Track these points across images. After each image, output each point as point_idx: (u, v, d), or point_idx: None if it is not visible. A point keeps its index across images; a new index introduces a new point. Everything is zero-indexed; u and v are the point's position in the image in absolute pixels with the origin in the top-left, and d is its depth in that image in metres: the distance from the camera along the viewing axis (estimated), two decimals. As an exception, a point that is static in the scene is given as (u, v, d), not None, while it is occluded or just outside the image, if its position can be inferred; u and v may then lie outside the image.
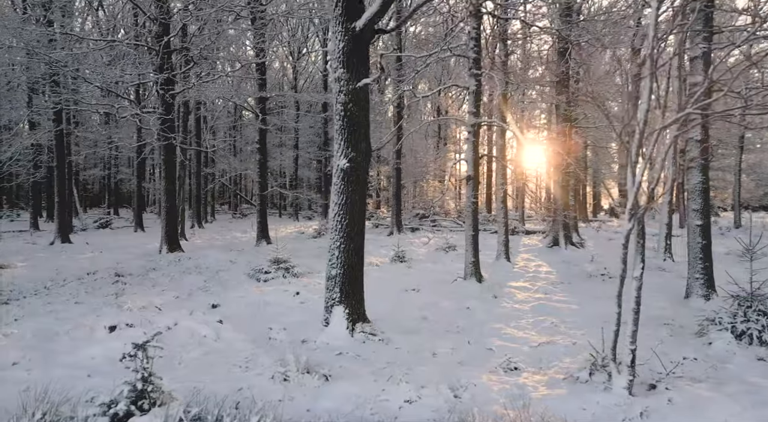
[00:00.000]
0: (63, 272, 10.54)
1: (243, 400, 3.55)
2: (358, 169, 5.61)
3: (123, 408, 3.34)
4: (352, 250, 5.70)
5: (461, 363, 4.83)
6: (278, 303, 7.51)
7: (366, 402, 3.64)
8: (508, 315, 6.93)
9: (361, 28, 5.33)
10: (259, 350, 4.95)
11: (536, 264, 12.92)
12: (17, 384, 3.96)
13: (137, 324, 5.63)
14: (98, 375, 4.30)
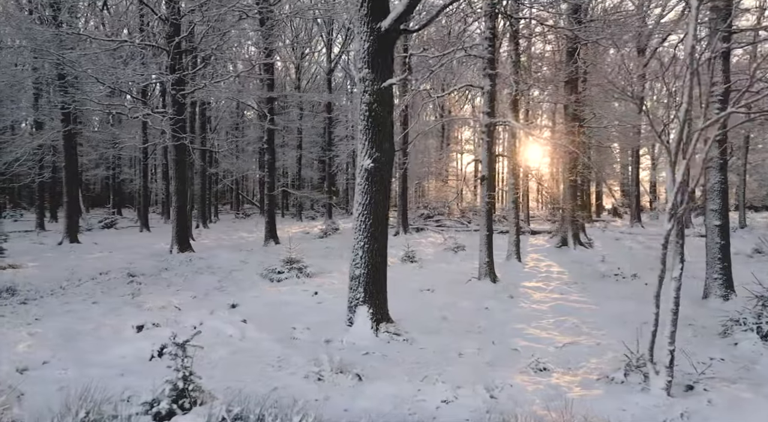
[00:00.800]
0: (76, 272, 10.53)
1: (280, 399, 3.55)
2: (382, 169, 5.62)
3: (165, 406, 3.36)
4: (375, 250, 5.70)
5: (489, 363, 4.83)
6: (296, 303, 7.51)
7: (403, 402, 3.64)
8: (528, 316, 6.93)
9: (386, 28, 5.33)
10: (289, 350, 4.95)
11: (546, 264, 12.91)
12: (54, 383, 3.97)
13: (163, 323, 5.64)
14: (131, 374, 4.31)
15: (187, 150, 13.06)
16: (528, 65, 13.22)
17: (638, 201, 28.09)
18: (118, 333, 5.46)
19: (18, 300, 7.75)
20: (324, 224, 28.14)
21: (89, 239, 18.61)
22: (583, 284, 9.63)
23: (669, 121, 4.06)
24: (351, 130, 33.28)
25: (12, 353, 4.99)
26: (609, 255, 13.40)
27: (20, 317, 6.76)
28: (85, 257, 13.46)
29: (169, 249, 13.67)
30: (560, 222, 16.83)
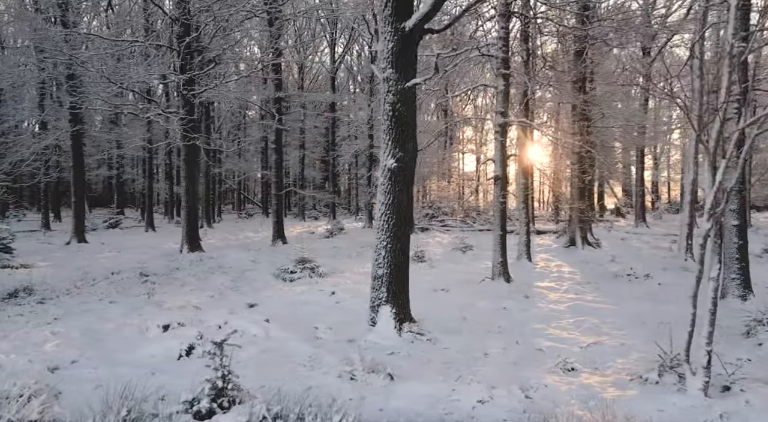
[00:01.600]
0: (89, 272, 10.53)
1: (316, 398, 3.55)
2: (405, 168, 5.63)
3: (205, 405, 3.37)
4: (398, 250, 5.71)
5: (515, 363, 4.84)
6: (314, 302, 7.52)
7: (438, 402, 3.65)
8: (547, 316, 6.93)
9: (410, 28, 5.34)
10: (317, 349, 4.96)
11: (557, 264, 12.92)
12: (88, 382, 3.97)
13: (188, 323, 5.64)
14: (162, 373, 4.32)
15: (198, 150, 13.04)
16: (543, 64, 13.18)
17: (643, 201, 28.10)
18: (144, 333, 5.47)
19: (35, 299, 7.76)
20: (329, 224, 28.13)
21: (96, 239, 18.63)
22: (596, 284, 9.62)
23: (710, 120, 4.05)
24: (354, 130, 33.27)
25: (40, 352, 5.00)
26: (618, 256, 13.39)
27: (39, 316, 6.78)
28: (95, 257, 13.47)
29: (179, 249, 13.68)
30: (568, 222, 16.83)
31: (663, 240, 19.94)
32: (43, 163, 20.96)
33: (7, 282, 8.99)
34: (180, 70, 12.19)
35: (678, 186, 52.04)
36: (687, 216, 12.92)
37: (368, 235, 21.35)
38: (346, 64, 38.13)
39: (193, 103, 12.41)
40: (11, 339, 5.41)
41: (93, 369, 4.41)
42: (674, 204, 45.46)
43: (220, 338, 4.35)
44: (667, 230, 24.59)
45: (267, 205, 42.91)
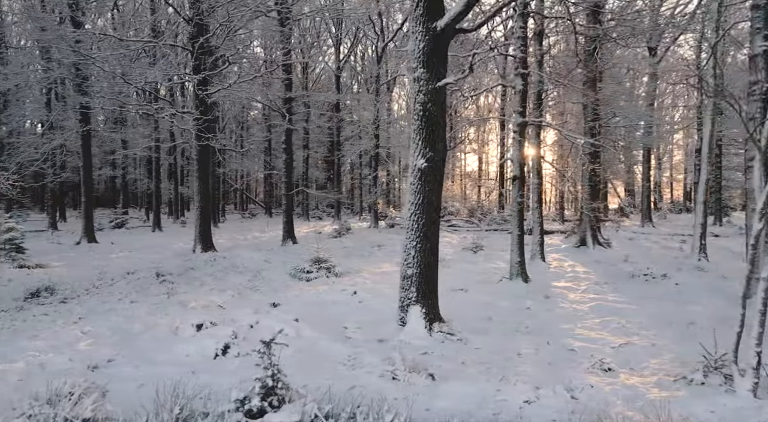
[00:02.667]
0: (105, 272, 10.54)
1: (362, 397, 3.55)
2: (435, 168, 5.62)
3: (257, 404, 3.36)
4: (428, 250, 5.71)
5: (551, 363, 4.84)
6: (337, 302, 7.52)
7: (485, 402, 3.64)
8: (572, 316, 6.93)
9: (442, 27, 5.33)
10: (354, 349, 4.96)
11: (570, 264, 12.91)
12: (131, 381, 3.97)
13: (220, 322, 5.64)
14: (202, 372, 4.32)
15: (211, 151, 13.03)
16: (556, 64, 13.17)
17: (649, 201, 28.10)
18: (176, 332, 5.46)
19: (57, 299, 7.77)
20: (334, 224, 28.13)
21: (106, 239, 18.64)
22: (614, 284, 9.61)
23: (764, 119, 4.04)
24: (359, 130, 33.25)
25: (76, 351, 5.01)
26: (630, 256, 13.40)
27: (64, 316, 6.78)
28: (107, 257, 13.48)
29: (192, 249, 13.68)
30: (578, 222, 16.83)
31: (671, 240, 19.94)
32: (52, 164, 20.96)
33: (27, 281, 8.99)
34: (194, 70, 12.18)
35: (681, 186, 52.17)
36: (700, 216, 12.89)
37: (375, 235, 21.36)
38: (350, 65, 38.16)
39: (207, 104, 12.40)
40: (44, 338, 5.41)
41: (134, 367, 4.41)
42: (677, 204, 45.50)
43: (267, 337, 4.36)
44: (673, 230, 24.60)
45: (270, 205, 42.98)
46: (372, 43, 33.86)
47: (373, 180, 29.45)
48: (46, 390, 3.35)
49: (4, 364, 4.39)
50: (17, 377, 4.06)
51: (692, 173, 43.89)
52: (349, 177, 45.48)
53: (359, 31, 31.88)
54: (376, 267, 12.01)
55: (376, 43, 29.43)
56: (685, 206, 44.78)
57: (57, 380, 3.45)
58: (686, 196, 49.17)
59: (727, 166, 31.60)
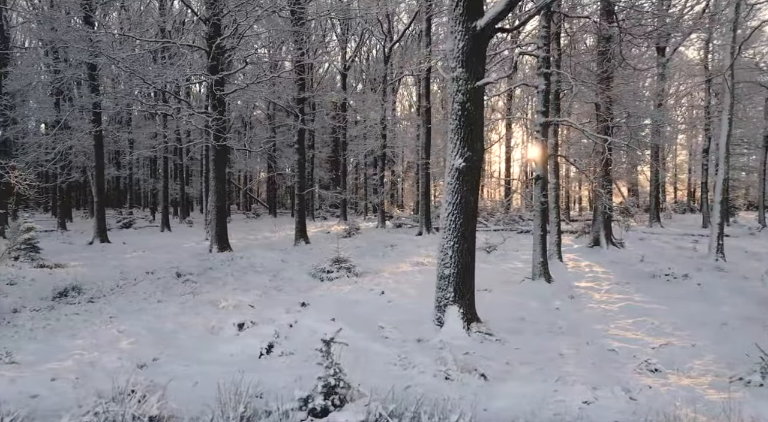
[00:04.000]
0: (125, 272, 10.56)
1: (422, 397, 3.54)
2: (473, 168, 5.61)
3: (320, 403, 3.37)
4: (465, 250, 5.70)
5: (595, 364, 4.82)
6: (365, 302, 7.51)
7: (544, 403, 3.63)
8: (603, 316, 6.92)
9: (482, 27, 5.32)
10: (401, 349, 4.96)
11: (586, 264, 12.89)
12: (184, 379, 3.96)
13: (259, 322, 5.63)
14: (250, 371, 4.28)
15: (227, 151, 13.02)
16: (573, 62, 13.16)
17: (657, 201, 28.08)
18: (216, 332, 5.46)
19: (85, 298, 7.77)
20: (341, 224, 28.16)
21: (117, 239, 18.63)
22: (636, 285, 9.58)
23: None
24: (367, 131, 33.27)
25: (118, 349, 5.01)
26: (646, 256, 13.39)
27: (94, 315, 6.78)
28: (123, 257, 13.47)
29: (208, 249, 13.69)
30: (592, 221, 16.82)
31: (682, 240, 19.94)
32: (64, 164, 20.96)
33: (51, 281, 9.00)
34: (210, 70, 12.17)
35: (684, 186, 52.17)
36: (717, 216, 12.88)
37: (385, 235, 21.36)
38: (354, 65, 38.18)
39: (224, 104, 12.39)
40: (83, 337, 5.42)
41: (184, 366, 4.41)
42: (680, 204, 45.48)
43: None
44: (682, 230, 24.59)
45: (274, 205, 43.04)
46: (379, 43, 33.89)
47: (380, 180, 29.44)
48: (111, 388, 3.35)
49: (55, 363, 4.40)
50: (72, 375, 4.05)
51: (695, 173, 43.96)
52: (351, 177, 45.55)
53: (366, 31, 31.88)
54: (395, 267, 11.99)
55: (383, 44, 29.45)
56: (689, 206, 44.78)
57: (118, 378, 3.44)
58: (690, 195, 49.20)
59: (733, 165, 31.60)
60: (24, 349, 4.93)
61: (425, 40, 22.50)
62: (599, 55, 15.18)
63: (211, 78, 11.95)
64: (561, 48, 11.97)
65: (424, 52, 22.92)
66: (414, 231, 24.24)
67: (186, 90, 24.98)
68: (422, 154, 22.51)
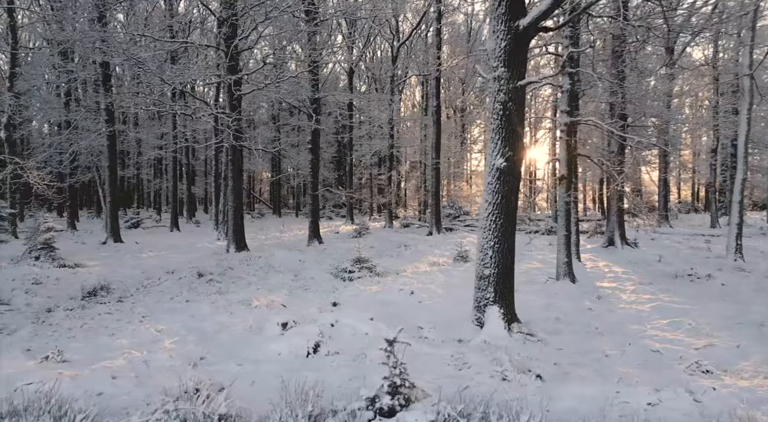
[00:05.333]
0: (146, 271, 10.52)
1: (478, 396, 3.51)
2: (514, 168, 5.59)
3: (387, 402, 3.35)
4: (506, 250, 5.67)
5: (642, 365, 4.80)
6: (395, 302, 7.49)
7: (608, 404, 3.61)
8: (636, 317, 6.89)
9: (525, 26, 5.30)
10: (464, 348, 4.94)
11: (604, 264, 12.86)
12: (240, 378, 3.94)
13: (301, 321, 5.61)
14: (303, 369, 4.31)
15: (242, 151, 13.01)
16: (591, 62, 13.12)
17: (666, 201, 28.04)
18: (258, 331, 5.45)
19: (114, 298, 7.76)
20: (351, 224, 28.13)
21: (129, 239, 18.61)
22: (660, 285, 9.56)
23: None
24: (375, 131, 33.25)
25: (162, 349, 5.00)
26: (664, 256, 13.38)
27: (127, 314, 6.78)
28: (140, 257, 13.45)
29: (225, 249, 13.66)
30: (606, 222, 16.80)
31: (693, 240, 19.93)
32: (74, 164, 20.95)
33: (76, 281, 9.00)
34: (228, 70, 12.14)
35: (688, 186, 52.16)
36: (736, 216, 12.85)
37: (395, 235, 21.31)
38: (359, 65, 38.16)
39: (240, 104, 12.37)
40: (124, 336, 5.41)
41: (237, 365, 4.39)
42: (685, 204, 45.43)
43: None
44: (691, 230, 24.56)
45: (278, 205, 43.08)
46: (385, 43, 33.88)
47: (388, 180, 29.42)
48: (175, 387, 3.34)
49: (106, 361, 4.38)
50: (131, 373, 4.03)
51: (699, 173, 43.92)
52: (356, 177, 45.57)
53: (373, 30, 31.84)
54: (413, 267, 11.97)
55: (391, 43, 29.42)
56: (693, 206, 44.75)
57: (178, 377, 3.43)
58: (694, 196, 49.19)
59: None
60: (69, 348, 4.92)
61: (436, 41, 22.49)
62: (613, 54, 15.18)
63: (230, 78, 11.93)
64: (580, 47, 11.93)
65: (434, 52, 22.91)
66: (422, 231, 24.23)
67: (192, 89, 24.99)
68: (432, 153, 22.47)
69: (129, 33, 11.29)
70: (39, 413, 3.11)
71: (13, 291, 7.77)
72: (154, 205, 44.03)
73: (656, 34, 10.89)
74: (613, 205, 16.16)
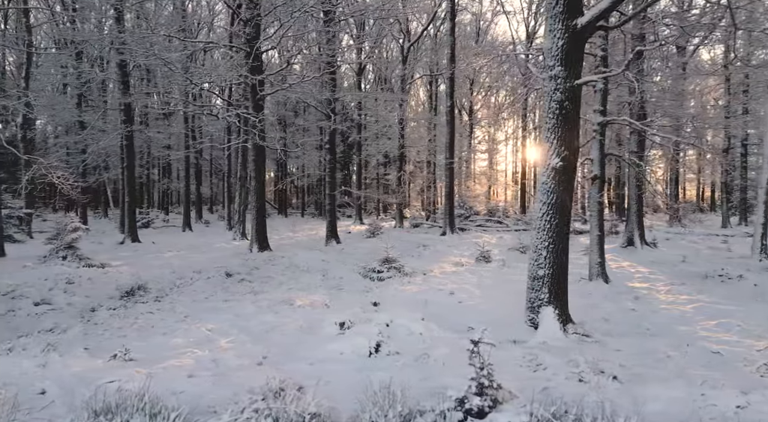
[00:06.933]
0: (175, 271, 10.48)
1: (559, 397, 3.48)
2: (570, 167, 5.56)
3: (477, 403, 3.31)
4: (560, 250, 5.64)
5: (707, 366, 4.76)
6: (435, 302, 7.43)
7: (696, 408, 3.57)
8: (681, 318, 6.85)
9: (583, 24, 5.27)
10: (524, 349, 4.90)
11: (628, 264, 12.82)
12: (314, 377, 3.90)
13: (357, 322, 5.57)
14: (368, 370, 4.26)
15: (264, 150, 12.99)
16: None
17: (676, 201, 28.01)
18: (313, 330, 5.43)
19: (151, 297, 7.73)
20: (361, 223, 28.12)
21: (145, 239, 18.57)
22: (692, 286, 9.50)
23: None
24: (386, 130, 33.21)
25: (220, 347, 4.96)
26: (687, 256, 13.35)
27: (169, 314, 6.75)
28: (162, 256, 13.43)
29: (248, 248, 13.63)
30: (625, 222, 16.77)
31: (709, 240, 19.92)
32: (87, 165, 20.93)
33: (108, 280, 8.98)
34: (252, 71, 12.11)
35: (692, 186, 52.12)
36: (762, 216, 12.81)
37: (409, 235, 21.28)
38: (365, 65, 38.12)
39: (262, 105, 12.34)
40: (177, 335, 5.40)
41: (308, 365, 4.36)
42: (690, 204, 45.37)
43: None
44: (705, 229, 24.52)
45: (285, 205, 43.14)
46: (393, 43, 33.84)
47: (398, 180, 29.42)
48: (261, 385, 3.32)
49: (173, 360, 4.36)
50: (207, 372, 4.00)
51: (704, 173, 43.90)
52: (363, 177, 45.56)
53: (383, 30, 31.83)
54: (439, 267, 11.95)
55: (402, 43, 29.41)
56: (698, 206, 44.71)
57: (258, 376, 3.41)
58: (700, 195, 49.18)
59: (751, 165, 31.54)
60: (131, 347, 4.88)
61: (449, 40, 22.45)
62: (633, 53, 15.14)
63: (254, 78, 11.90)
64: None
65: (448, 52, 22.88)
66: (433, 231, 24.21)
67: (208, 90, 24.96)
68: (446, 153, 22.45)
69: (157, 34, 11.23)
70: (132, 411, 3.08)
71: (51, 290, 7.74)
72: (161, 205, 44.01)
73: (681, 34, 10.81)
74: (633, 205, 16.13)
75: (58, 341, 4.94)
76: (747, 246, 16.94)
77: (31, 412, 3.18)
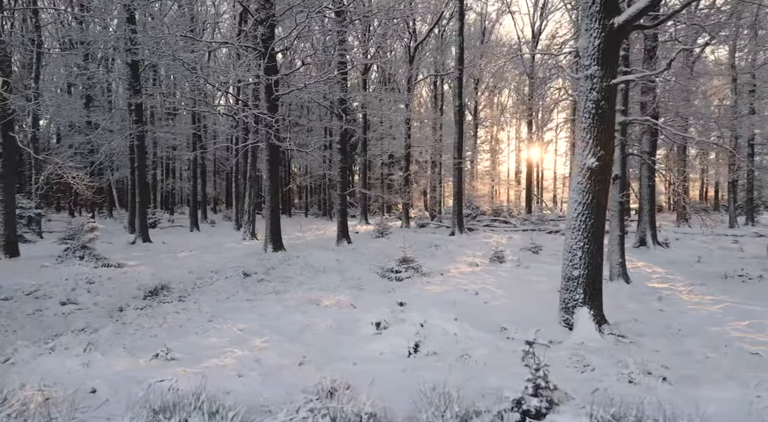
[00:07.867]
0: (193, 271, 10.46)
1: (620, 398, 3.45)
2: (606, 167, 5.53)
3: (535, 404, 3.28)
4: (595, 251, 5.61)
5: (750, 367, 4.73)
6: (461, 302, 7.41)
7: (752, 410, 3.55)
8: (710, 318, 6.81)
9: (620, 24, 5.24)
10: (563, 350, 4.87)
11: (644, 264, 12.79)
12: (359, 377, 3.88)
13: (391, 322, 5.54)
14: (411, 370, 4.23)
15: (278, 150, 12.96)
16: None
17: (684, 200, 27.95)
18: (338, 329, 5.42)
19: (175, 297, 7.70)
20: (366, 223, 28.12)
21: (156, 239, 18.54)
22: (714, 286, 9.48)
23: None
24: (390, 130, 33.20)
25: (256, 347, 4.93)
26: (702, 257, 13.33)
27: (195, 313, 6.73)
28: (176, 256, 13.38)
29: (263, 248, 13.61)
30: (638, 222, 16.74)
31: (719, 240, 19.92)
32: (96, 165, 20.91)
33: (128, 280, 8.96)
34: (266, 71, 12.08)
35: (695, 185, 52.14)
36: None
37: (418, 235, 21.25)
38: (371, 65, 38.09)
39: (277, 105, 12.32)
40: (211, 335, 5.38)
41: (352, 365, 4.33)
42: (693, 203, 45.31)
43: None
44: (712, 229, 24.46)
45: (289, 205, 43.12)
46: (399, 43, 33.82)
47: (405, 180, 29.42)
48: (315, 385, 3.29)
49: (215, 359, 4.34)
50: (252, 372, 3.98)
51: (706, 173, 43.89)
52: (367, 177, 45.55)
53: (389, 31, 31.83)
54: (454, 267, 11.92)
55: (408, 43, 29.41)
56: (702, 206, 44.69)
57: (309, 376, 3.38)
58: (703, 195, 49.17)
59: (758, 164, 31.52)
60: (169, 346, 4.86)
61: (458, 40, 22.42)
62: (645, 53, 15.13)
63: (270, 79, 11.87)
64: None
65: (456, 52, 22.85)
66: (440, 231, 24.21)
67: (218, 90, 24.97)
68: (455, 153, 22.42)
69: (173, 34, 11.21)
70: (190, 410, 3.06)
71: (74, 290, 7.71)
72: (164, 206, 44.01)
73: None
74: (645, 205, 16.11)
75: (94, 340, 4.91)
76: (758, 246, 16.94)
77: (88, 411, 3.16)
